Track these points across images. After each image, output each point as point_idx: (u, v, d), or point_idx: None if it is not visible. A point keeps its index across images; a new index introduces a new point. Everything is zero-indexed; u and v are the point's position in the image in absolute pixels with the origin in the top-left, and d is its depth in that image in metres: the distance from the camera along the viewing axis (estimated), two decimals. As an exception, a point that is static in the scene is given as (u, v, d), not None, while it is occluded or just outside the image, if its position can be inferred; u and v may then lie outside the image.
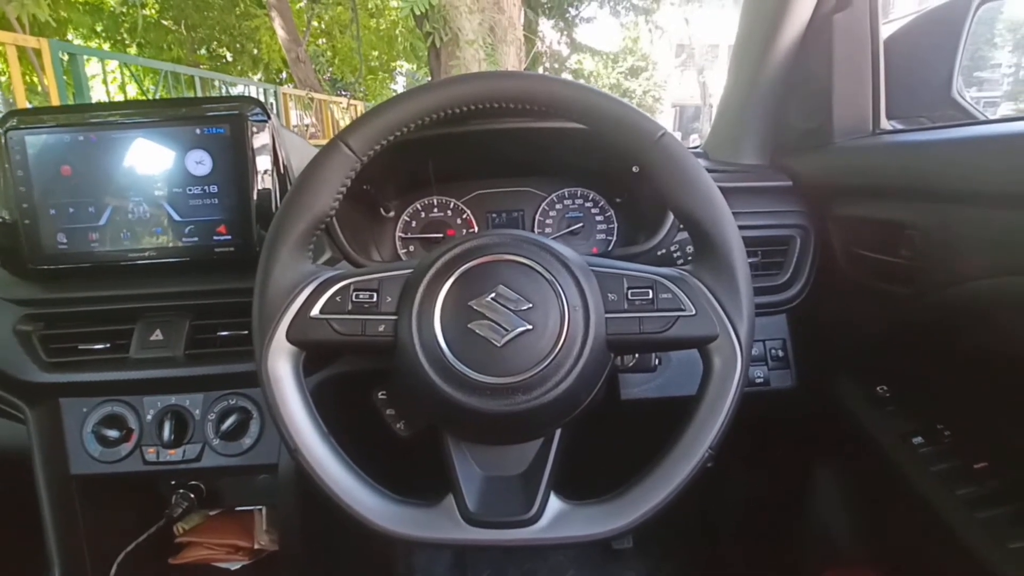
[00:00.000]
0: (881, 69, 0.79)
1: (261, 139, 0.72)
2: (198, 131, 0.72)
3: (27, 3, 3.73)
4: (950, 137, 0.64)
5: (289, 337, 0.52)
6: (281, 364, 0.52)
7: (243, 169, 0.72)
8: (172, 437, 0.76)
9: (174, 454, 0.77)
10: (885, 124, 0.80)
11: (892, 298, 0.68)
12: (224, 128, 0.72)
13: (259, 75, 11.02)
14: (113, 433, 0.77)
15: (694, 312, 0.52)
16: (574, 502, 0.53)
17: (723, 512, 1.05)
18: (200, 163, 0.72)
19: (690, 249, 0.79)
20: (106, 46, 9.12)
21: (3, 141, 0.71)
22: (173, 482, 0.85)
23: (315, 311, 0.52)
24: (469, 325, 0.50)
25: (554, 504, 0.52)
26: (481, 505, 0.52)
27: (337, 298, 0.53)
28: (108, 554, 0.82)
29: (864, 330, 0.76)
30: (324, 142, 0.54)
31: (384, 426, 0.61)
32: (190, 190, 0.73)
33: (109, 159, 0.72)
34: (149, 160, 0.72)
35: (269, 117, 0.73)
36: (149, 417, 0.78)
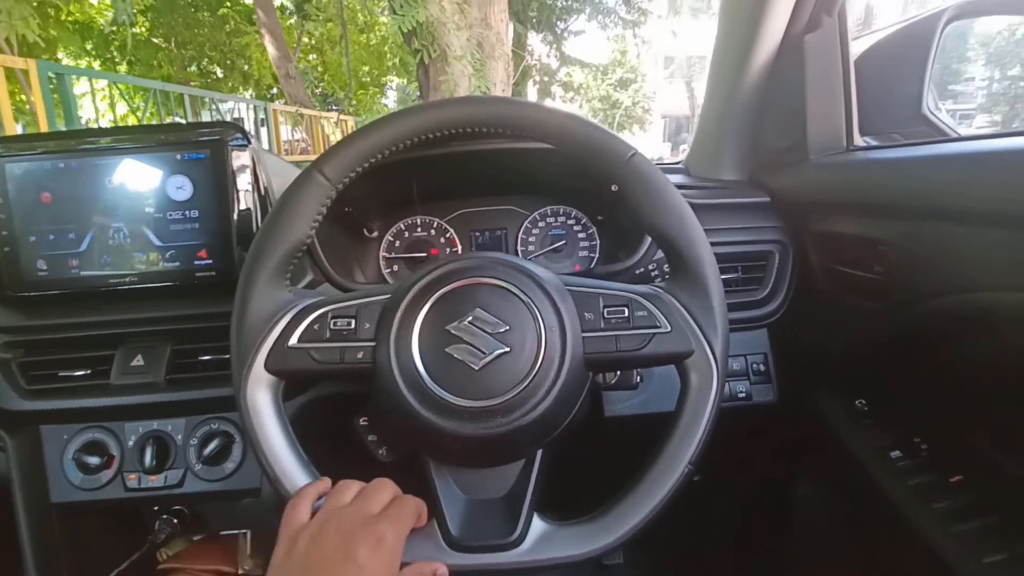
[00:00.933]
0: (852, 87, 0.80)
1: (241, 163, 0.73)
2: (179, 157, 0.72)
3: (16, 24, 3.73)
4: (919, 155, 0.65)
5: (268, 367, 0.52)
6: (260, 394, 0.52)
7: (223, 194, 0.72)
8: (154, 463, 0.75)
9: (156, 480, 0.76)
10: (859, 141, 0.82)
11: (869, 313, 0.69)
12: (204, 153, 0.72)
13: (250, 91, 11.06)
14: (94, 460, 0.76)
15: (669, 329, 0.52)
16: (557, 523, 0.53)
17: (711, 525, 1.05)
18: (181, 188, 0.72)
19: (667, 267, 0.79)
20: (96, 64, 9.13)
21: (-16, 169, 0.71)
22: (156, 507, 0.85)
23: (293, 340, 0.53)
24: (447, 349, 0.50)
25: (537, 525, 0.52)
26: (464, 529, 0.52)
27: (315, 326, 0.53)
28: (90, 582, 0.81)
29: (843, 345, 0.77)
30: (315, 158, 0.55)
31: (366, 452, 0.61)
32: (171, 215, 0.73)
33: (90, 185, 0.72)
34: (130, 186, 0.73)
35: (249, 142, 0.74)
36: (131, 443, 0.77)
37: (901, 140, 0.84)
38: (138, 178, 0.72)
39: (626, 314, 0.53)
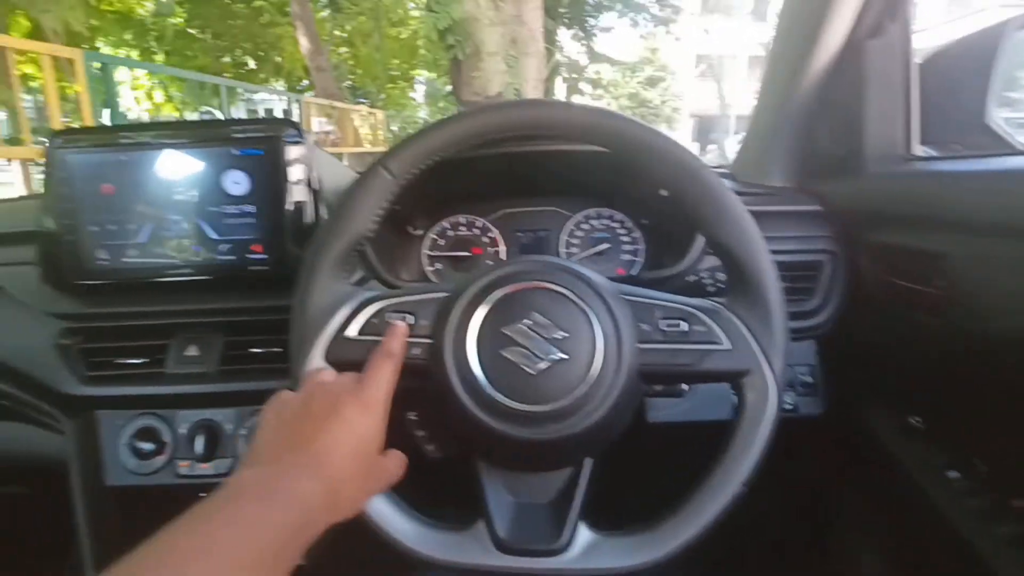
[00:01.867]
0: (914, 95, 0.78)
1: (296, 159, 0.74)
2: (235, 152, 0.74)
3: (64, 14, 3.84)
4: (987, 168, 0.63)
5: (327, 358, 0.53)
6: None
7: (278, 189, 0.73)
8: (205, 451, 0.77)
9: (206, 468, 0.78)
10: (917, 150, 0.80)
11: (927, 328, 0.68)
12: (261, 149, 0.73)
13: (280, 82, 11.22)
14: (147, 446, 0.78)
15: (729, 346, 0.52)
16: (604, 532, 0.53)
17: (748, 537, 1.03)
18: (237, 183, 0.74)
19: (721, 277, 0.79)
20: (134, 53, 9.34)
21: (50, 159, 0.74)
22: (203, 494, 0.86)
23: (352, 332, 0.53)
24: (503, 352, 0.51)
25: (583, 534, 0.52)
26: (511, 532, 0.52)
27: (374, 320, 0.54)
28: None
29: (897, 359, 0.75)
30: (345, 149, 0.55)
31: (414, 447, 0.62)
32: (227, 209, 0.74)
33: (149, 178, 0.74)
34: (187, 180, 0.74)
35: (304, 138, 0.75)
36: (182, 431, 0.79)
37: (962, 150, 0.82)
38: (196, 172, 0.74)
39: (684, 328, 0.52)
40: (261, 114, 6.44)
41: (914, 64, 0.78)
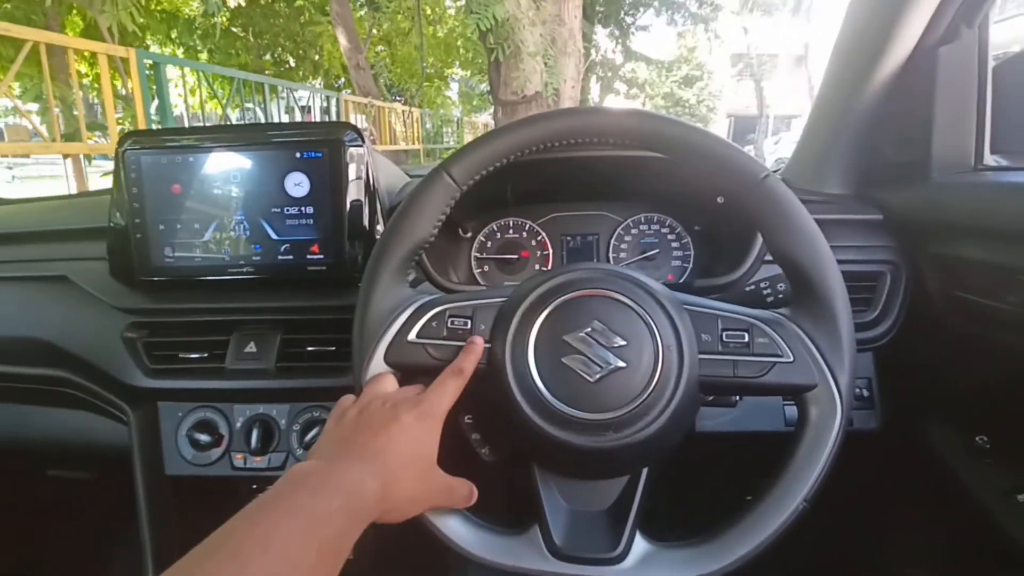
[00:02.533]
0: (988, 103, 0.75)
1: (356, 162, 0.75)
2: (297, 155, 0.75)
3: (120, 14, 3.99)
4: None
5: (387, 360, 0.54)
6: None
7: (339, 192, 0.75)
8: (259, 445, 0.80)
9: (260, 461, 0.81)
10: (989, 159, 0.77)
11: (996, 346, 0.65)
12: (322, 152, 0.75)
13: (319, 80, 11.42)
14: (205, 438, 0.81)
15: (792, 359, 0.51)
16: (660, 543, 0.53)
17: (799, 555, 1.01)
18: (298, 185, 0.76)
19: (781, 288, 0.77)
20: (179, 51, 9.63)
21: (120, 159, 0.77)
22: (255, 486, 0.89)
23: (412, 335, 0.54)
24: (563, 359, 0.51)
25: (639, 544, 0.52)
26: (567, 539, 0.52)
27: (433, 323, 0.54)
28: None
29: (963, 376, 0.73)
30: (380, 147, 0.56)
31: (468, 450, 0.62)
32: (287, 210, 0.76)
33: (214, 179, 0.76)
34: (251, 181, 0.76)
35: (363, 141, 0.76)
36: (238, 425, 0.82)
37: (1038, 161, 0.78)
38: (259, 174, 0.76)
39: (746, 339, 0.52)
40: (299, 112, 6.55)
41: (989, 70, 0.75)
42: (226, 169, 0.76)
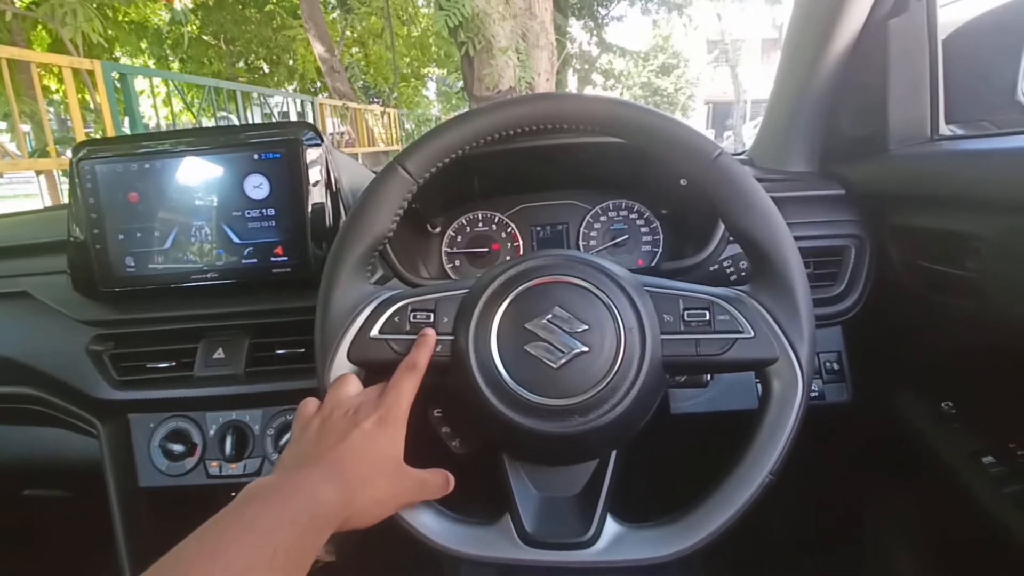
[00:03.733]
0: (939, 74, 0.76)
1: (315, 161, 0.75)
2: (256, 156, 0.74)
3: (82, 25, 3.92)
4: (1015, 146, 0.61)
5: (350, 357, 0.54)
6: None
7: (299, 192, 0.74)
8: (233, 452, 0.79)
9: (236, 468, 0.80)
10: (944, 129, 0.78)
11: (958, 312, 0.66)
12: (280, 153, 0.74)
13: (294, 85, 11.32)
14: (178, 447, 0.80)
15: (752, 334, 0.51)
16: (631, 524, 0.53)
17: (773, 528, 1.02)
18: (258, 187, 0.75)
19: (744, 265, 0.78)
20: (151, 62, 9.50)
21: (75, 170, 0.75)
22: (233, 494, 0.88)
23: (374, 331, 0.54)
24: (525, 347, 0.51)
25: (610, 526, 0.52)
26: (538, 526, 0.52)
27: (395, 318, 0.54)
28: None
29: (927, 344, 0.74)
30: (360, 149, 0.55)
31: (439, 443, 0.62)
32: (249, 213, 0.75)
33: (173, 185, 0.75)
34: (210, 185, 0.75)
35: (322, 140, 0.76)
36: (212, 432, 0.81)
37: (992, 129, 0.79)
38: (218, 178, 0.75)
39: (707, 317, 0.52)
40: (276, 117, 6.48)
41: (939, 41, 0.76)
42: (184, 174, 0.75)
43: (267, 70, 11.39)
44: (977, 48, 0.82)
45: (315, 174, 0.75)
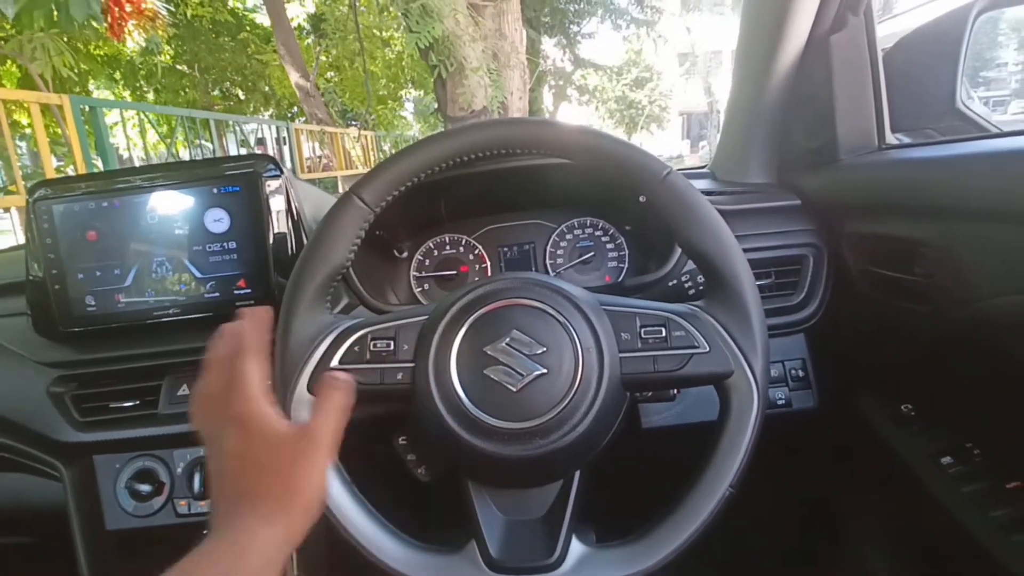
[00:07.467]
0: (882, 85, 0.79)
1: (275, 193, 0.75)
2: (215, 191, 0.74)
3: (52, 60, 3.89)
4: (956, 153, 0.64)
5: (310, 389, 0.53)
6: (304, 416, 0.54)
7: (259, 224, 0.74)
8: (203, 489, 0.78)
9: (204, 505, 0.78)
10: (891, 138, 0.80)
11: (911, 315, 0.68)
12: (239, 186, 0.74)
13: (270, 111, 11.30)
14: (145, 488, 0.78)
15: (708, 349, 0.52)
16: (596, 545, 0.53)
17: (750, 538, 1.03)
18: (218, 221, 0.75)
19: (701, 279, 0.79)
20: (125, 93, 9.43)
21: (32, 210, 0.74)
22: (205, 532, 0.87)
23: (334, 362, 0.54)
24: (485, 371, 0.51)
25: (576, 547, 0.52)
26: (503, 550, 0.52)
27: (355, 348, 0.54)
28: (145, 606, 0.83)
29: (885, 348, 0.75)
30: (338, 173, 0.56)
31: (405, 471, 0.62)
32: (210, 247, 0.75)
33: (132, 222, 0.75)
34: (170, 221, 0.75)
35: (282, 171, 0.76)
36: (179, 470, 0.79)
37: (936, 136, 0.82)
38: (177, 213, 0.75)
39: (663, 334, 0.53)
40: (252, 145, 6.46)
41: (879, 54, 0.79)
42: (143, 211, 0.75)
43: (243, 97, 11.35)
44: (918, 59, 0.85)
45: (276, 204, 0.75)
